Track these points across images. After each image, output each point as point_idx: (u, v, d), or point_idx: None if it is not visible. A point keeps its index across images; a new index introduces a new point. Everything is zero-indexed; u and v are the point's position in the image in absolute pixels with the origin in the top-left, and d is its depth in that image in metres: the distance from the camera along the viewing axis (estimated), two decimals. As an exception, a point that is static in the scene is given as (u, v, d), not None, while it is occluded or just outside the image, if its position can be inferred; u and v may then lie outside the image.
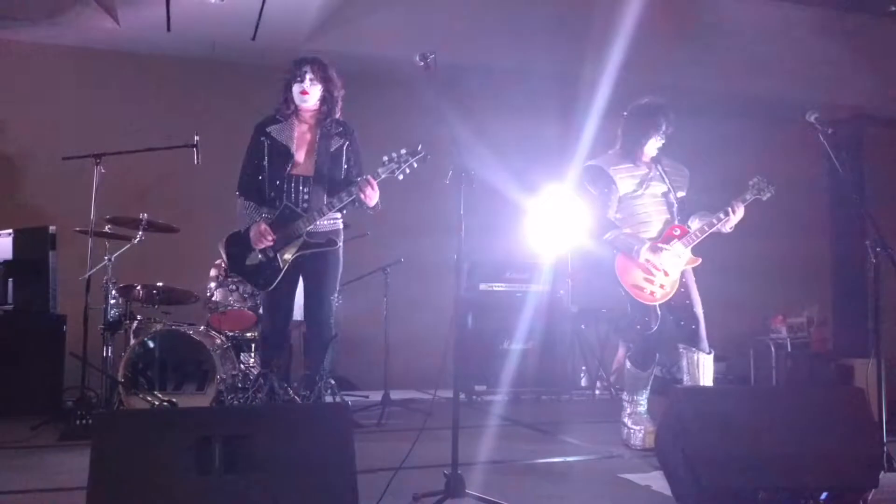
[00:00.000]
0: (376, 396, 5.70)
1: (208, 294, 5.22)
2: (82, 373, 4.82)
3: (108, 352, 4.90)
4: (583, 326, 6.99)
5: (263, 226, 3.99)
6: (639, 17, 6.54)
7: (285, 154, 4.08)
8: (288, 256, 3.99)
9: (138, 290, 5.07)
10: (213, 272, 5.80)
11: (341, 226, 4.20)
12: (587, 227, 4.38)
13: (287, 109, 4.18)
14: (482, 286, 6.42)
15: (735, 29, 7.24)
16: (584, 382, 7.14)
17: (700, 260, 4.23)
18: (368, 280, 5.93)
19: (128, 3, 6.63)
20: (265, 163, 4.10)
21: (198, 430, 2.23)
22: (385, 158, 3.87)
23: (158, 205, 5.72)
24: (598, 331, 7.12)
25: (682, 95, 7.69)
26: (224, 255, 4.18)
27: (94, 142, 5.29)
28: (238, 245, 4.09)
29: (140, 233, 4.97)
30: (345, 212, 4.17)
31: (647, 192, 4.23)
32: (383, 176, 3.89)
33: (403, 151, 3.83)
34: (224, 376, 4.80)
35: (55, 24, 6.92)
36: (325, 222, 4.07)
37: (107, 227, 4.98)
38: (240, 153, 7.23)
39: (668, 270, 4.12)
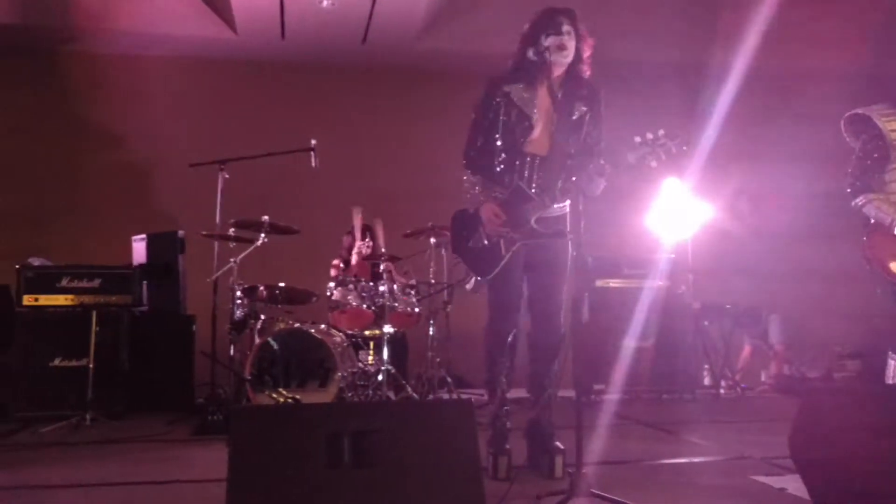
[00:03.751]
0: (492, 394, 5.68)
1: (328, 293, 5.33)
2: (211, 370, 5.04)
3: (233, 350, 5.09)
4: (706, 323, 6.74)
5: (496, 207, 3.41)
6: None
7: (524, 123, 3.44)
8: (512, 244, 3.44)
9: (262, 291, 5.23)
10: (332, 272, 5.97)
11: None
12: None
13: (529, 66, 3.47)
14: (598, 282, 6.29)
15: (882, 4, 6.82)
16: (707, 381, 6.89)
17: None
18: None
19: (244, 13, 6.89)
20: (498, 130, 3.46)
21: (328, 425, 2.27)
22: (637, 140, 3.16)
23: (279, 207, 5.89)
24: (721, 327, 6.86)
25: (828, 77, 7.34)
26: (450, 233, 3.71)
27: (217, 148, 5.52)
28: (464, 225, 3.57)
29: (263, 235, 5.12)
30: None
31: None
32: (633, 161, 3.18)
33: (661, 133, 3.14)
34: (345, 374, 4.89)
35: (178, 37, 7.28)
36: (555, 206, 3.47)
37: (231, 231, 5.17)
38: (354, 155, 7.51)
39: None
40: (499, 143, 3.47)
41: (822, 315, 6.93)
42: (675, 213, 7.00)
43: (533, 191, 3.41)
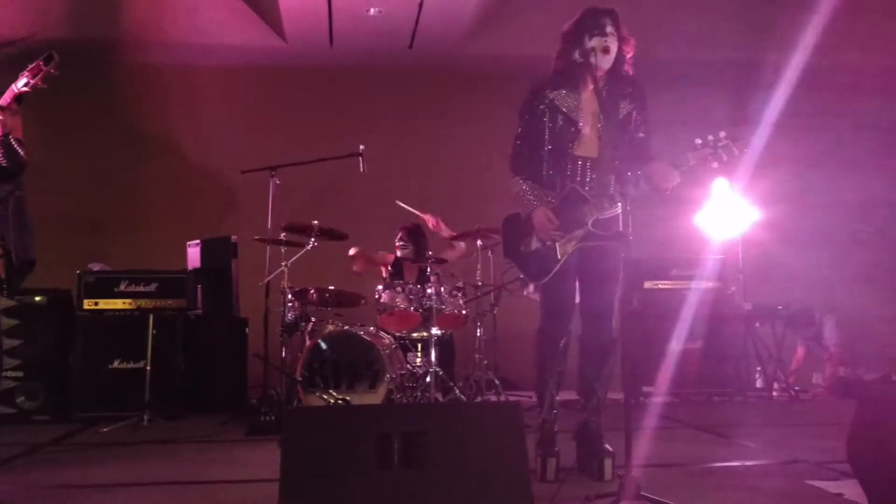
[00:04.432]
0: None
1: (376, 296, 5.39)
2: (264, 372, 5.13)
3: (285, 352, 5.18)
4: (757, 324, 6.63)
5: (548, 212, 3.38)
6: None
7: (571, 128, 3.41)
8: (568, 247, 3.40)
9: (312, 294, 5.32)
10: (354, 262, 5.98)
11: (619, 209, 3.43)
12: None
13: (572, 69, 3.43)
14: (647, 284, 6.24)
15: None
16: (759, 384, 6.77)
17: None
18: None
19: (294, 22, 7.00)
20: (545, 137, 3.45)
21: (377, 427, 2.31)
22: (698, 141, 3.19)
23: (328, 212, 5.98)
24: (774, 329, 6.73)
25: (888, 76, 7.19)
26: (502, 238, 3.66)
27: (268, 155, 5.62)
28: (515, 229, 3.55)
29: (313, 239, 5.20)
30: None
31: None
32: (692, 163, 3.21)
33: (723, 135, 3.16)
34: (393, 375, 4.94)
35: (229, 47, 7.43)
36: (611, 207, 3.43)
37: (282, 235, 5.26)
38: (402, 159, 7.57)
39: None
40: (547, 149, 3.45)
41: (879, 315, 6.76)
42: (725, 214, 6.91)
43: (589, 191, 3.39)
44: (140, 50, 7.43)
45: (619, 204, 3.38)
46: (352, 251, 6.01)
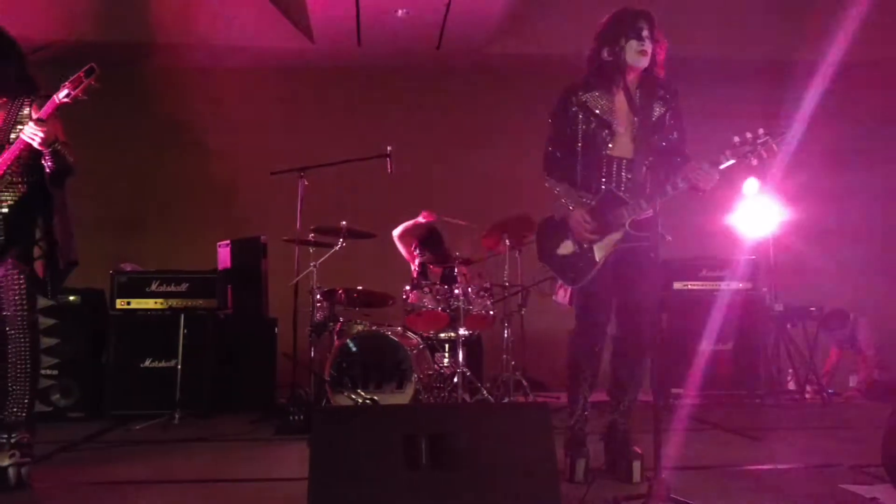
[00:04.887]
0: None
1: (404, 296, 5.40)
2: (293, 371, 5.17)
3: (313, 352, 5.20)
4: (789, 326, 6.54)
5: (584, 213, 3.36)
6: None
7: (604, 130, 3.38)
8: (605, 249, 3.38)
9: (340, 294, 5.35)
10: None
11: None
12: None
13: (604, 71, 3.40)
14: (676, 285, 6.18)
15: None
16: (791, 386, 6.68)
17: None
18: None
19: (321, 22, 7.03)
20: (578, 139, 3.41)
21: (405, 427, 2.32)
22: (736, 139, 3.14)
23: (356, 212, 6.00)
24: (806, 331, 6.63)
25: None
26: (536, 242, 3.62)
27: (297, 156, 5.66)
28: (550, 232, 3.52)
29: (341, 240, 5.23)
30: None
31: None
32: (731, 161, 3.17)
33: (761, 132, 3.12)
34: (421, 376, 4.95)
35: (257, 49, 7.48)
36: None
37: (311, 236, 5.30)
38: (430, 159, 7.58)
39: None
40: (581, 151, 3.43)
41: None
42: (756, 214, 6.83)
43: (624, 194, 3.36)
44: (170, 52, 7.51)
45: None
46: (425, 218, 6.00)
